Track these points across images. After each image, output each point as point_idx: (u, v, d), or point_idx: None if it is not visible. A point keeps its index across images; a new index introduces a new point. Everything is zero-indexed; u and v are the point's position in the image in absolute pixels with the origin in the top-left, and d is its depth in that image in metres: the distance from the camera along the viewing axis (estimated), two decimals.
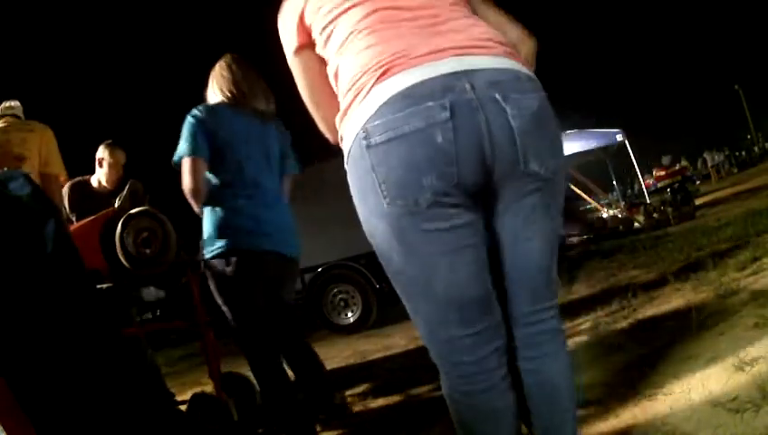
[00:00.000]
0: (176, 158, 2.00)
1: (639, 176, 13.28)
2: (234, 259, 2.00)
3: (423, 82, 0.96)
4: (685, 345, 2.25)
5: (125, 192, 2.52)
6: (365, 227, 1.08)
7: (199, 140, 1.98)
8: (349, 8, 1.09)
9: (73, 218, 3.21)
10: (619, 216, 9.37)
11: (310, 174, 6.77)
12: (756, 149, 29.41)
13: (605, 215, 9.70)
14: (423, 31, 1.03)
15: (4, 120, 2.80)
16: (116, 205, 2.49)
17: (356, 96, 1.03)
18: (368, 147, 0.98)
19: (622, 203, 11.54)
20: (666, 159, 12.66)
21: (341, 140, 1.11)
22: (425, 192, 0.95)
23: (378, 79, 1.00)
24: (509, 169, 0.98)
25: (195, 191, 1.97)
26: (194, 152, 1.96)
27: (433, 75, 0.96)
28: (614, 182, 14.93)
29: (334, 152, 1.30)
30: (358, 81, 1.04)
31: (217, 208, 2.05)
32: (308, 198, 5.98)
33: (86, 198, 3.28)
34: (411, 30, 1.04)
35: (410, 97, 0.95)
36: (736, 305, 2.49)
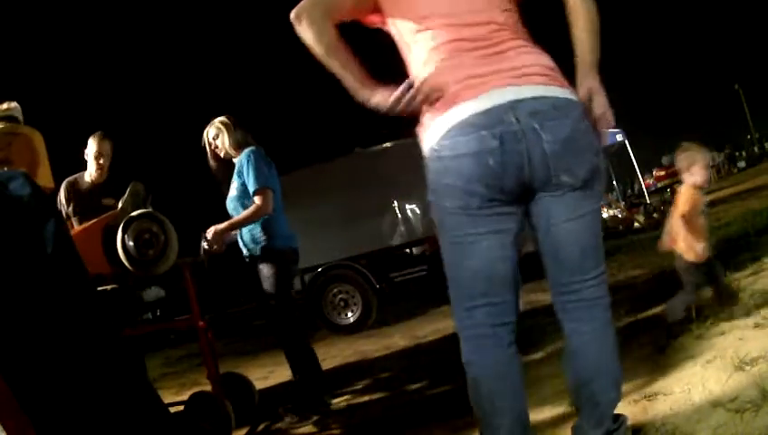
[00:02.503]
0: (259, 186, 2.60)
1: (639, 176, 13.28)
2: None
3: (479, 114, 1.25)
4: (685, 345, 2.25)
5: (126, 194, 2.52)
6: (434, 212, 1.38)
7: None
8: (424, 29, 1.36)
9: (70, 214, 3.21)
10: (619, 216, 9.37)
11: (310, 175, 6.80)
12: (756, 149, 29.38)
13: (605, 215, 9.69)
14: (480, 61, 1.30)
15: None
16: (119, 207, 2.51)
17: (434, 111, 1.30)
18: (438, 158, 1.30)
19: (622, 203, 11.55)
20: (666, 159, 12.70)
21: (420, 125, 1.36)
22: (474, 197, 1.27)
23: (449, 105, 1.28)
24: (544, 181, 1.28)
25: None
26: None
27: (488, 107, 1.25)
28: (614, 182, 14.93)
29: (333, 154, 1.34)
30: (434, 97, 1.29)
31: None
32: (308, 199, 5.99)
33: (78, 194, 3.27)
34: (472, 60, 1.30)
35: (471, 125, 1.25)
36: (736, 305, 2.49)
